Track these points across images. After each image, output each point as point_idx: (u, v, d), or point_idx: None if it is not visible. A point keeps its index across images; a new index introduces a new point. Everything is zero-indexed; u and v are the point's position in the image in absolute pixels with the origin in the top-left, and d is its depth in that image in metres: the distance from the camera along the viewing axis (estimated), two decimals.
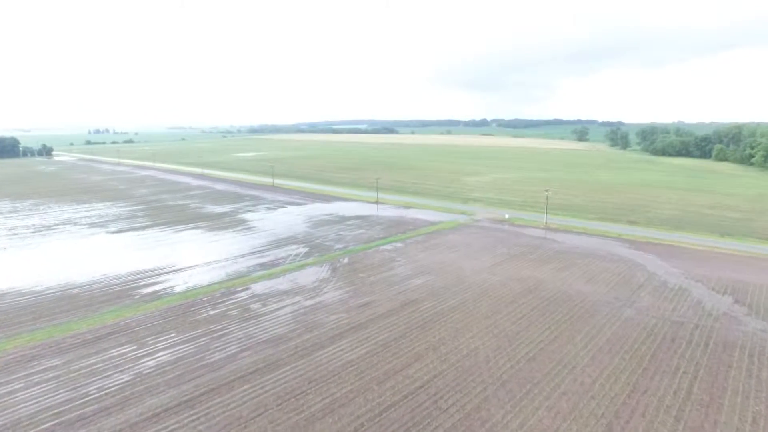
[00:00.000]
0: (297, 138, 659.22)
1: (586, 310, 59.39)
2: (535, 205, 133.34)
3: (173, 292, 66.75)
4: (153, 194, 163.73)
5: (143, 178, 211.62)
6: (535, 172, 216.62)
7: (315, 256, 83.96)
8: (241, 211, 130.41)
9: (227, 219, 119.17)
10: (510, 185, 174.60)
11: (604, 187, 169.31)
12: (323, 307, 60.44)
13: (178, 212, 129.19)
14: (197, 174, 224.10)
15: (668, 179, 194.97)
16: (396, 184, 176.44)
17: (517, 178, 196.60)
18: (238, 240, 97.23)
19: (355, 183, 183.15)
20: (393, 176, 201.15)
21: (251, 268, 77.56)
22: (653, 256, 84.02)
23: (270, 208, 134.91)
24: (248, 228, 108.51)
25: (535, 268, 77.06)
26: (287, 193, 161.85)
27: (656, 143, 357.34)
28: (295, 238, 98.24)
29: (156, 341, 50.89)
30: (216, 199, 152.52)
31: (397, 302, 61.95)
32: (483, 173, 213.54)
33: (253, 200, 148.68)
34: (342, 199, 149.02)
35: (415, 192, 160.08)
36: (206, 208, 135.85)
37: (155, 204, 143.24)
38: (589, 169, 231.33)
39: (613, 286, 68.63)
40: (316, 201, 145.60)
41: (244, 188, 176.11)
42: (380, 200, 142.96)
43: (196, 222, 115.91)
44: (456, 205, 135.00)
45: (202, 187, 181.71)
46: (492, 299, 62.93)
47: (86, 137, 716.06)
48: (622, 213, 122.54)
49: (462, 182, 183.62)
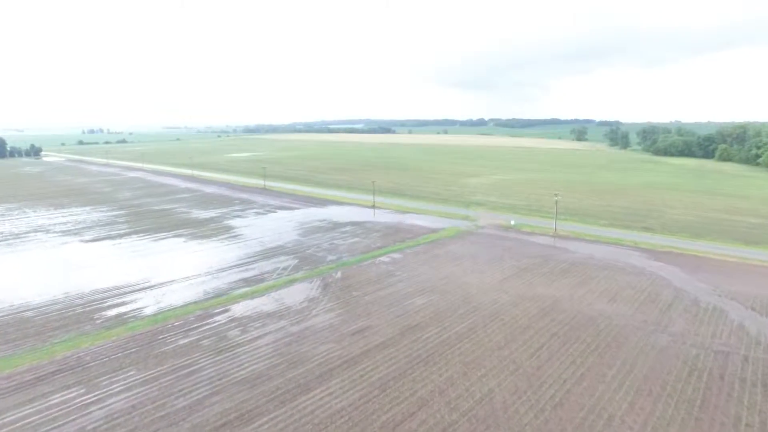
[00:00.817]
0: (292, 138, 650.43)
1: (613, 338, 51.68)
2: (541, 210, 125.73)
3: (141, 315, 58.65)
4: (137, 198, 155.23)
5: (130, 180, 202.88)
6: (538, 173, 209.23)
7: (305, 270, 75.94)
8: (228, 216, 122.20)
9: (213, 226, 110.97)
10: (513, 187, 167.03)
11: (611, 189, 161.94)
12: (311, 335, 52.48)
13: (161, 218, 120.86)
14: (187, 176, 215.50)
15: (674, 180, 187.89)
16: (393, 187, 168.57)
17: (519, 179, 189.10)
18: (222, 250, 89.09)
19: (350, 185, 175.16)
20: (390, 178, 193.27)
21: (233, 285, 69.50)
22: (676, 269, 76.45)
23: (260, 213, 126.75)
24: (234, 236, 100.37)
25: (549, 283, 69.35)
26: (279, 197, 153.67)
27: (658, 143, 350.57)
28: (284, 247, 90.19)
29: (110, 382, 42.77)
30: (203, 203, 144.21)
31: (396, 328, 54.07)
32: (484, 174, 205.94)
33: (243, 204, 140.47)
34: (336, 203, 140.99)
35: (414, 195, 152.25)
36: (192, 213, 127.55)
37: (138, 209, 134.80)
38: (592, 170, 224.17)
39: (638, 305, 60.98)
40: (309, 205, 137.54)
41: (235, 191, 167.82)
42: (377, 204, 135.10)
43: (179, 229, 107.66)
44: (457, 210, 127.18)
45: (190, 189, 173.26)
46: (504, 324, 55.13)
47: (79, 137, 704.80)
48: (634, 218, 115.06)
49: (462, 184, 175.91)
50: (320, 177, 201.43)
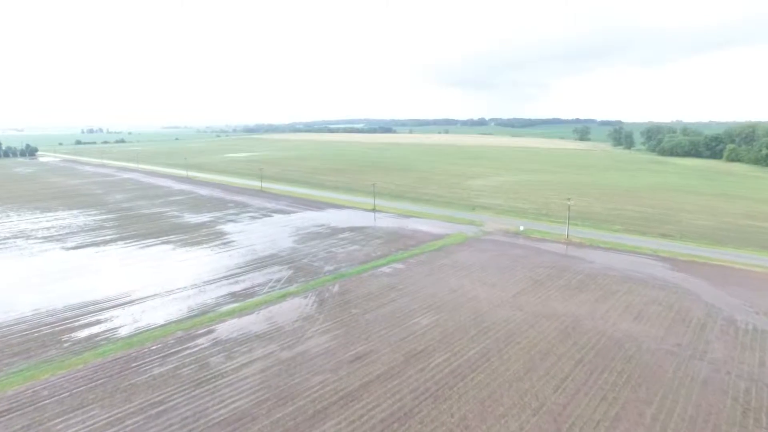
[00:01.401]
0: (292, 138, 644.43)
1: (646, 365, 45.59)
2: (550, 214, 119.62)
3: (116, 336, 52.61)
4: (129, 200, 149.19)
5: (123, 182, 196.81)
6: (543, 174, 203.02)
7: (299, 283, 69.86)
8: (221, 221, 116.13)
9: (204, 231, 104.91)
10: (518, 190, 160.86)
11: (620, 191, 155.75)
12: (304, 363, 46.41)
13: (151, 222, 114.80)
14: (182, 177, 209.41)
15: (684, 182, 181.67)
16: (394, 189, 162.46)
17: (524, 180, 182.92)
18: (212, 259, 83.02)
19: (350, 187, 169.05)
20: (391, 179, 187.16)
21: (220, 300, 63.45)
22: (703, 281, 70.34)
23: (255, 217, 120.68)
24: (226, 243, 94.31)
25: (566, 298, 63.27)
26: (276, 199, 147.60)
27: (663, 143, 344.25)
28: (278, 256, 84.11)
29: (66, 426, 36.71)
30: (197, 206, 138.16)
31: (399, 353, 48.01)
32: (488, 176, 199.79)
33: (238, 207, 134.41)
34: (335, 206, 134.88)
35: (416, 198, 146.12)
36: (183, 217, 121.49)
37: (128, 212, 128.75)
38: (598, 171, 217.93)
39: (668, 325, 54.89)
40: (306, 208, 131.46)
41: (230, 193, 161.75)
42: (378, 208, 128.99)
43: (168, 235, 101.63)
44: (462, 214, 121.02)
45: (184, 191, 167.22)
46: (522, 349, 49.05)
47: (78, 137, 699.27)
48: (650, 223, 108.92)
49: (466, 186, 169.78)
50: (319, 178, 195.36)
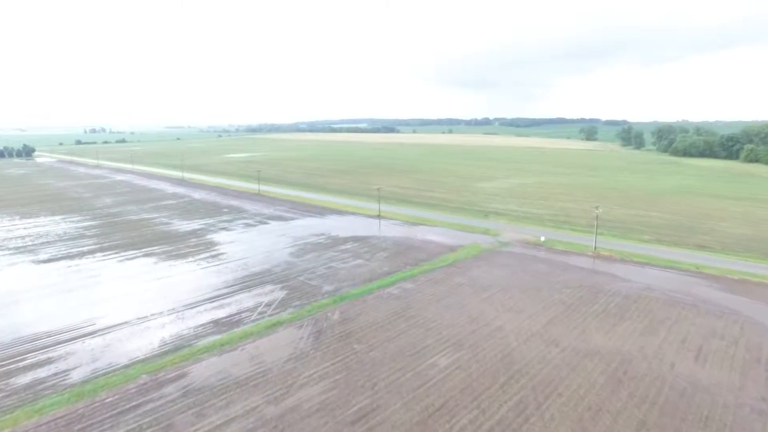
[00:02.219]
0: (295, 137, 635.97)
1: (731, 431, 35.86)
2: (571, 221, 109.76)
3: (64, 383, 43.22)
4: (118, 205, 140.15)
5: (115, 184, 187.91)
6: (555, 176, 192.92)
7: (294, 307, 60.38)
8: (213, 228, 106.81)
9: (193, 241, 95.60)
10: (532, 193, 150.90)
11: (641, 195, 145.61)
12: (294, 424, 36.88)
13: (136, 230, 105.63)
14: (177, 179, 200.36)
15: (706, 185, 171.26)
16: (400, 192, 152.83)
17: (536, 183, 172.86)
18: (197, 276, 73.64)
19: (353, 191, 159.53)
20: (396, 182, 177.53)
21: (200, 330, 54.03)
22: (765, 306, 60.48)
23: (250, 224, 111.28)
24: (215, 256, 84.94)
25: (608, 329, 53.50)
26: (273, 204, 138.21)
27: (676, 143, 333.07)
28: (271, 272, 74.65)
29: None
30: (189, 211, 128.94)
31: (414, 411, 38.41)
32: (497, 177, 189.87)
33: (233, 213, 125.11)
34: (337, 212, 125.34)
35: (424, 203, 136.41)
36: (173, 224, 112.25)
37: (114, 219, 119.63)
38: (612, 173, 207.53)
39: (741, 368, 45.08)
40: (306, 214, 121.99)
41: (226, 197, 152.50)
42: (383, 214, 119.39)
43: (152, 245, 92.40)
44: (475, 221, 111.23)
45: (177, 195, 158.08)
46: (566, 404, 39.34)
47: (80, 137, 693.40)
48: (682, 232, 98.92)
49: (476, 189, 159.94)
50: (320, 181, 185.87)
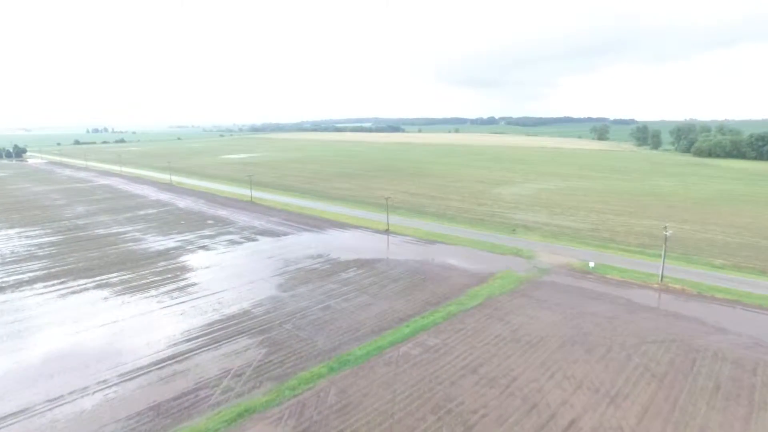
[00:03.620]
0: (298, 137, 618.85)
1: None
2: (615, 238, 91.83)
3: None
4: (89, 214, 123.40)
5: (96, 189, 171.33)
6: (579, 180, 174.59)
7: (273, 380, 42.86)
8: (191, 247, 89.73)
9: (161, 265, 78.49)
10: (560, 201, 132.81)
11: (686, 203, 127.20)
12: None
13: (99, 250, 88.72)
14: (165, 183, 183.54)
15: (756, 190, 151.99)
16: (410, 201, 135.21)
17: (560, 188, 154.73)
18: (151, 320, 56.41)
19: (357, 197, 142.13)
20: (405, 187, 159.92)
21: (127, 428, 36.70)
22: None
23: (235, 241, 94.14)
24: (184, 288, 67.74)
25: (739, 428, 35.69)
26: (266, 214, 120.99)
27: (699, 143, 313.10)
28: (251, 315, 57.32)
29: None
30: (168, 223, 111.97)
31: None
32: (516, 182, 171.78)
33: (218, 226, 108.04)
34: (339, 225, 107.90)
35: (438, 213, 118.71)
36: (144, 241, 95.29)
37: (79, 233, 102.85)
38: (642, 176, 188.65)
39: None
40: (303, 228, 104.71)
41: (214, 205, 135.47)
42: (392, 228, 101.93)
43: (111, 272, 75.37)
44: (501, 238, 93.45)
45: (160, 202, 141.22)
46: None
47: (81, 137, 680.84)
48: (762, 254, 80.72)
49: (495, 196, 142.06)
50: (322, 186, 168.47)
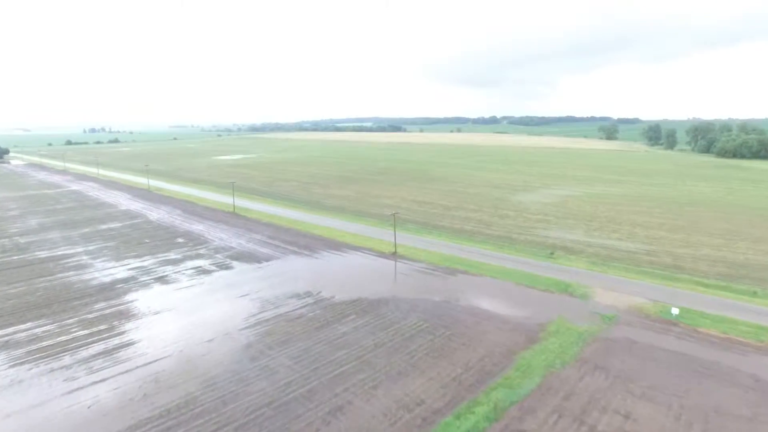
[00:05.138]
0: (297, 137, 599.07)
1: None
2: (684, 264, 72.29)
3: None
4: (40, 230, 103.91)
5: (62, 196, 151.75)
6: (605, 185, 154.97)
7: None
8: (145, 278, 70.26)
9: (97, 310, 58.99)
10: (592, 212, 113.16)
11: (748, 215, 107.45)
12: None
13: (24, 283, 69.20)
14: (143, 189, 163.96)
15: None
16: (418, 211, 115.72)
17: (588, 195, 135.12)
18: (35, 426, 36.94)
19: (357, 208, 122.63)
20: (411, 193, 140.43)
21: None
22: None
23: (203, 270, 74.66)
24: (112, 352, 48.25)
25: None
26: (250, 229, 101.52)
27: (723, 143, 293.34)
28: (191, 409, 37.79)
29: None
30: (129, 242, 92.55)
31: None
32: (535, 187, 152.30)
33: (188, 246, 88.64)
34: (334, 246, 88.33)
35: (454, 228, 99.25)
36: (90, 268, 75.79)
37: (12, 256, 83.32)
38: (673, 180, 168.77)
39: None
40: (290, 250, 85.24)
41: (190, 217, 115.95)
42: (400, 250, 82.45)
43: (23, 320, 55.91)
44: (539, 266, 73.68)
45: (130, 213, 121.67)
46: None
47: (77, 137, 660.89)
48: None
49: (516, 205, 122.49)
50: (317, 193, 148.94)
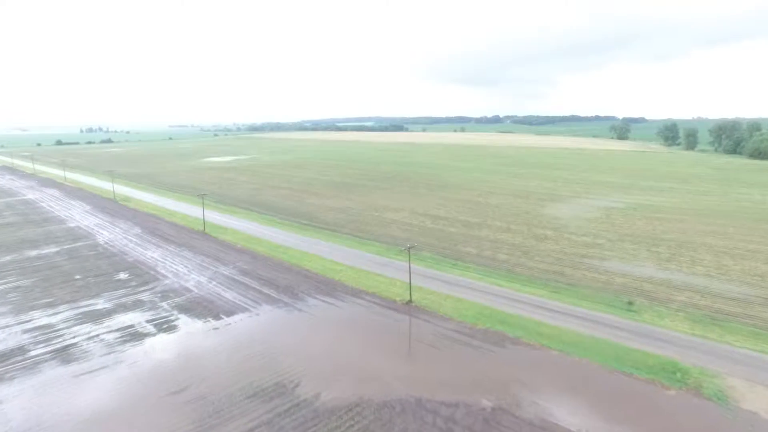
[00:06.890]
0: (296, 137, 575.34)
1: None
2: None
3: None
4: None
5: (7, 208, 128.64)
6: (645, 194, 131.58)
7: None
8: (39, 351, 47.55)
9: None
10: (650, 231, 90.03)
11: None
12: None
13: None
14: (107, 199, 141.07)
15: None
16: (433, 229, 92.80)
17: (633, 207, 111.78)
18: None
19: (357, 225, 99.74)
20: (421, 205, 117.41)
21: None
22: None
23: (135, 331, 51.90)
24: None
25: None
26: (218, 259, 78.70)
27: (756, 143, 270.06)
28: None
29: None
30: (53, 278, 69.82)
31: None
32: (564, 196, 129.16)
33: (130, 286, 65.90)
34: (325, 288, 65.28)
35: (484, 258, 76.27)
36: None
37: None
38: (718, 187, 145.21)
39: None
40: (263, 295, 62.33)
41: (149, 239, 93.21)
42: (417, 296, 59.63)
43: None
44: (619, 327, 50.61)
45: (77, 233, 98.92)
46: None
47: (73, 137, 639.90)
48: None
49: (551, 221, 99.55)
50: (311, 204, 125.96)
